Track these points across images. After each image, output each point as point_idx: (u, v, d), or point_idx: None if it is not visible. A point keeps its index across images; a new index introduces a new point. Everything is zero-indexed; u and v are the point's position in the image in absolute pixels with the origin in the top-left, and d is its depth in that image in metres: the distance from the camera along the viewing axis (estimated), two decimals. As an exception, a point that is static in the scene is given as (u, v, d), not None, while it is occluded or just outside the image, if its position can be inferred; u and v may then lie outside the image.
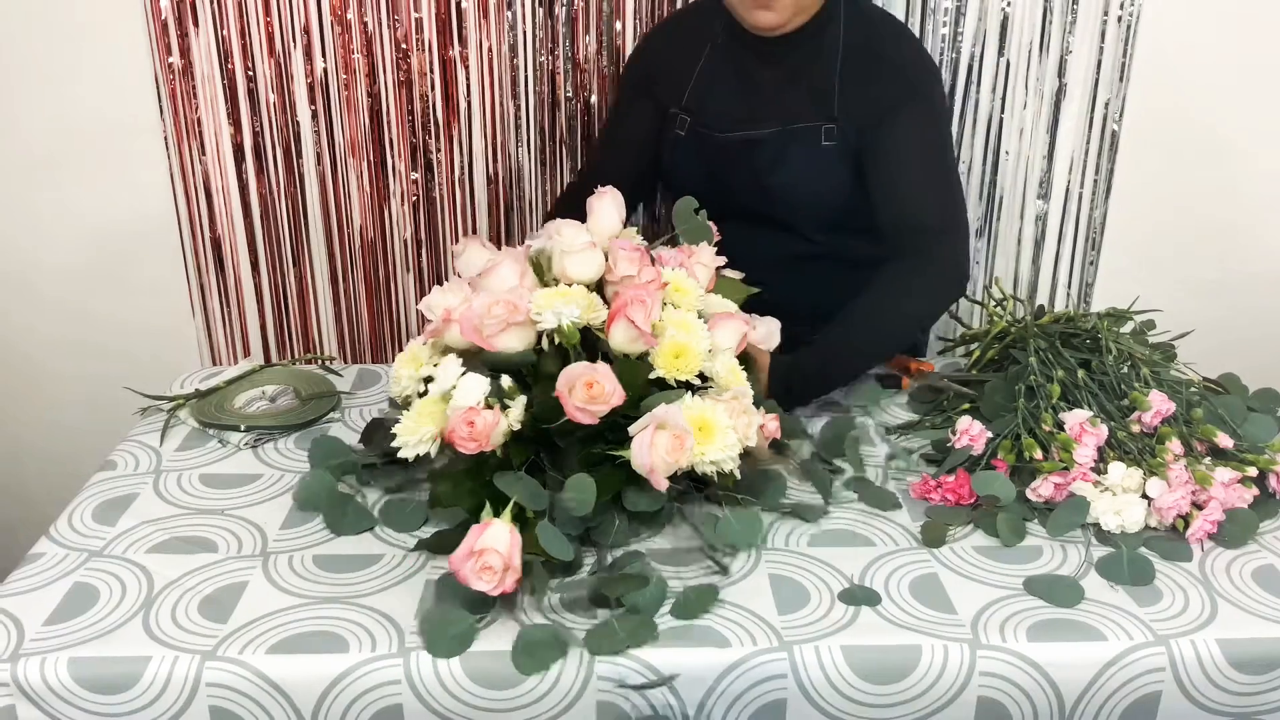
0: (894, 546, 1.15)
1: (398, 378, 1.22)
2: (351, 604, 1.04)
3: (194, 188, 1.93)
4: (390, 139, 1.91)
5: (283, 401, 1.47)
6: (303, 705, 0.97)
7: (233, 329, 2.04)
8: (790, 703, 0.99)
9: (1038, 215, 1.97)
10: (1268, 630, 1.02)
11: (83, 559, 1.12)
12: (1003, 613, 1.04)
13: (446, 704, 0.97)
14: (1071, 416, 1.22)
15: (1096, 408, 1.25)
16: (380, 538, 1.16)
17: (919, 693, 0.99)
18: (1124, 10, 1.84)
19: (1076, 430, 1.20)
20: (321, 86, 1.87)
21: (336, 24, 1.83)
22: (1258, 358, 1.67)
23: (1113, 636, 1.01)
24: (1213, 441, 1.21)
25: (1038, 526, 1.18)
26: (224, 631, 1.00)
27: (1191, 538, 1.14)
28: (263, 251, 1.98)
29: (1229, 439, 1.22)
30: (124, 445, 1.36)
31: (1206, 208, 1.99)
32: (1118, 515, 1.15)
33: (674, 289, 1.22)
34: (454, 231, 1.98)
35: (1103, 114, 1.90)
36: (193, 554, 1.12)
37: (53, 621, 1.02)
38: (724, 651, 0.99)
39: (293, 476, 1.28)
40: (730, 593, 1.07)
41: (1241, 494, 1.17)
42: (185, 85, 1.86)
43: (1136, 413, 1.22)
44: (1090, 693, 1.00)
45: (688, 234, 1.33)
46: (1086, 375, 1.28)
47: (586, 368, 1.10)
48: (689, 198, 1.36)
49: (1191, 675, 1.00)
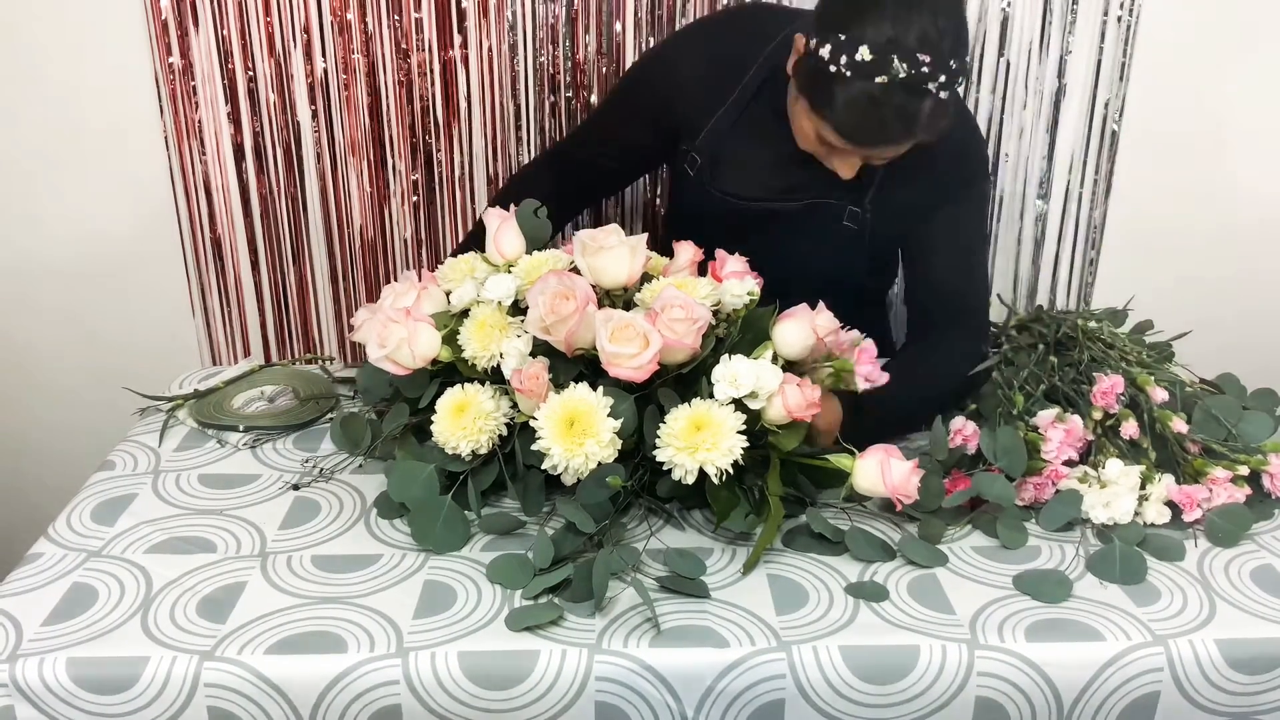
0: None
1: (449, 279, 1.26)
2: (350, 604, 1.04)
3: (194, 188, 1.93)
4: (390, 139, 1.91)
5: (281, 402, 1.47)
6: (301, 705, 0.97)
7: (233, 329, 2.04)
8: (789, 703, 0.99)
9: (1038, 215, 1.97)
10: (1266, 630, 1.02)
11: (81, 559, 1.12)
12: (1001, 613, 1.04)
13: (445, 704, 0.97)
14: (1041, 417, 1.23)
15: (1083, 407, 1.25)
16: (379, 537, 1.16)
17: (917, 693, 0.99)
18: (1124, 10, 1.83)
19: (1044, 428, 1.21)
20: (321, 86, 1.87)
21: (336, 24, 1.83)
22: (1258, 358, 1.67)
23: (1111, 636, 1.01)
24: (1168, 427, 1.21)
25: (1037, 527, 1.18)
26: (222, 632, 1.00)
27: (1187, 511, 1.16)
28: (263, 251, 1.98)
29: (1183, 424, 1.22)
30: (123, 445, 1.36)
31: (1206, 208, 1.99)
32: (1107, 508, 1.15)
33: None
34: (454, 231, 1.98)
35: (1103, 114, 1.90)
36: (191, 554, 1.12)
37: (51, 622, 1.02)
38: (722, 651, 0.99)
39: (291, 477, 1.28)
40: (729, 593, 1.07)
41: (1233, 493, 1.17)
42: (185, 85, 1.86)
43: (1094, 389, 1.23)
44: (1089, 693, 1.00)
45: (529, 235, 1.29)
46: (1077, 374, 1.28)
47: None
48: (530, 200, 1.29)
49: (1190, 675, 1.00)
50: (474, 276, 1.26)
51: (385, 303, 1.24)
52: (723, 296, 1.19)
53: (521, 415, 1.16)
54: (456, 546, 1.14)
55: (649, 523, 1.19)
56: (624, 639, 1.00)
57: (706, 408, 1.09)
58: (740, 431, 1.09)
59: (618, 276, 1.19)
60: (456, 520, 1.15)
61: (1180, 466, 1.22)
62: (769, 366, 1.12)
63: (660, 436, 1.09)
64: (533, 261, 1.24)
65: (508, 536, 1.17)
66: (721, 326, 1.19)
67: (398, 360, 1.20)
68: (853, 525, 1.16)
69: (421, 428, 1.22)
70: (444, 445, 1.16)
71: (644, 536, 1.16)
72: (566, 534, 1.11)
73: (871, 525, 1.18)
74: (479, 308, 1.21)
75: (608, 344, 1.09)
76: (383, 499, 1.21)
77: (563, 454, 1.08)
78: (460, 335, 1.20)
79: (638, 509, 1.20)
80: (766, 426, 1.13)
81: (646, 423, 1.12)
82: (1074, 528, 1.18)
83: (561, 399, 1.10)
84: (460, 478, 1.18)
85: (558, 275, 1.14)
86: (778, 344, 1.18)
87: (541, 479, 1.17)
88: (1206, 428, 1.24)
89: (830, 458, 1.16)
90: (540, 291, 1.13)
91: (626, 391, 1.12)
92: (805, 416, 1.12)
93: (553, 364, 1.15)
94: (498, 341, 1.18)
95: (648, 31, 1.86)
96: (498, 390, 1.18)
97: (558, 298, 1.12)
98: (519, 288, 1.21)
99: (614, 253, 1.18)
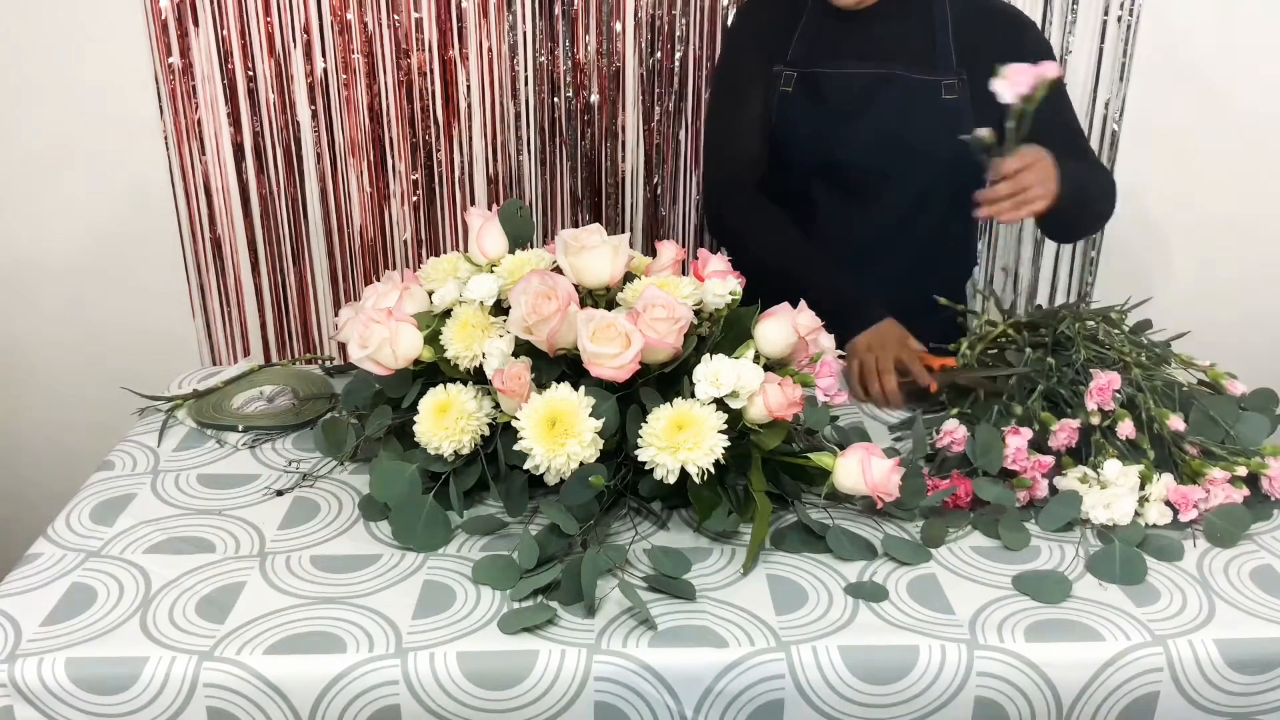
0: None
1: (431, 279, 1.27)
2: (349, 604, 1.04)
3: (194, 188, 1.93)
4: (390, 139, 1.91)
5: (280, 402, 1.47)
6: (300, 706, 0.97)
7: (233, 329, 2.04)
8: (788, 703, 0.99)
9: (1038, 215, 1.97)
10: (1265, 630, 1.02)
11: (80, 559, 1.12)
12: (1000, 613, 1.04)
13: (444, 704, 0.97)
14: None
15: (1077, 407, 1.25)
16: (379, 538, 1.16)
17: (917, 693, 0.99)
18: (1124, 10, 1.84)
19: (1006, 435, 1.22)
20: (321, 86, 1.87)
21: (336, 24, 1.83)
22: (1258, 358, 1.67)
23: (1110, 637, 1.01)
24: (1165, 426, 1.21)
25: (1037, 527, 1.18)
26: (221, 632, 1.00)
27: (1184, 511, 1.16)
28: (263, 251, 1.98)
29: (1180, 423, 1.22)
30: (122, 445, 1.36)
31: (1206, 207, 1.99)
32: (1107, 509, 1.15)
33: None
34: (454, 231, 1.99)
35: (1103, 114, 1.90)
36: (190, 554, 1.12)
37: (50, 622, 1.02)
38: (721, 651, 0.99)
39: (290, 477, 1.28)
40: (728, 593, 1.07)
41: (1231, 494, 1.17)
42: (185, 85, 1.86)
43: (1089, 386, 1.23)
44: (1088, 693, 1.00)
45: (512, 235, 1.30)
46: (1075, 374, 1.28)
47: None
48: (513, 200, 1.35)
49: (1189, 675, 1.00)
50: (457, 276, 1.26)
51: (367, 303, 1.25)
52: (705, 296, 1.19)
53: (504, 415, 1.16)
54: (438, 546, 1.14)
55: (633, 521, 1.19)
56: (623, 639, 1.00)
57: (688, 407, 1.09)
58: (722, 431, 1.09)
59: (600, 276, 1.20)
60: (438, 520, 1.15)
61: (1179, 467, 1.22)
62: (750, 366, 1.12)
63: (642, 436, 1.09)
64: (515, 261, 1.24)
65: (500, 537, 1.17)
66: (704, 325, 1.19)
67: (380, 360, 1.20)
68: (834, 524, 1.16)
69: (405, 430, 1.22)
70: (426, 445, 1.17)
71: (635, 539, 1.16)
72: (551, 535, 1.11)
73: (859, 523, 1.18)
74: (461, 308, 1.21)
75: (590, 344, 1.09)
76: (366, 500, 1.21)
77: (545, 454, 1.08)
78: (443, 335, 1.20)
79: (625, 509, 1.20)
80: (748, 426, 1.13)
81: (629, 422, 1.12)
82: (1074, 528, 1.18)
83: (543, 399, 1.10)
84: (442, 478, 1.18)
85: (540, 275, 1.14)
86: (760, 343, 1.18)
87: (524, 479, 1.17)
88: (1203, 429, 1.24)
89: (812, 456, 1.16)
90: (522, 291, 1.13)
91: (608, 391, 1.12)
92: (786, 415, 1.12)
93: (535, 364, 1.15)
94: (480, 341, 1.18)
95: (648, 31, 1.86)
96: (480, 390, 1.19)
97: (540, 297, 1.12)
98: (501, 288, 1.21)
99: (596, 252, 1.19)
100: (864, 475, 1.11)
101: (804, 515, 1.15)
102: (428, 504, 1.15)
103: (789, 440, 1.18)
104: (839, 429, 1.33)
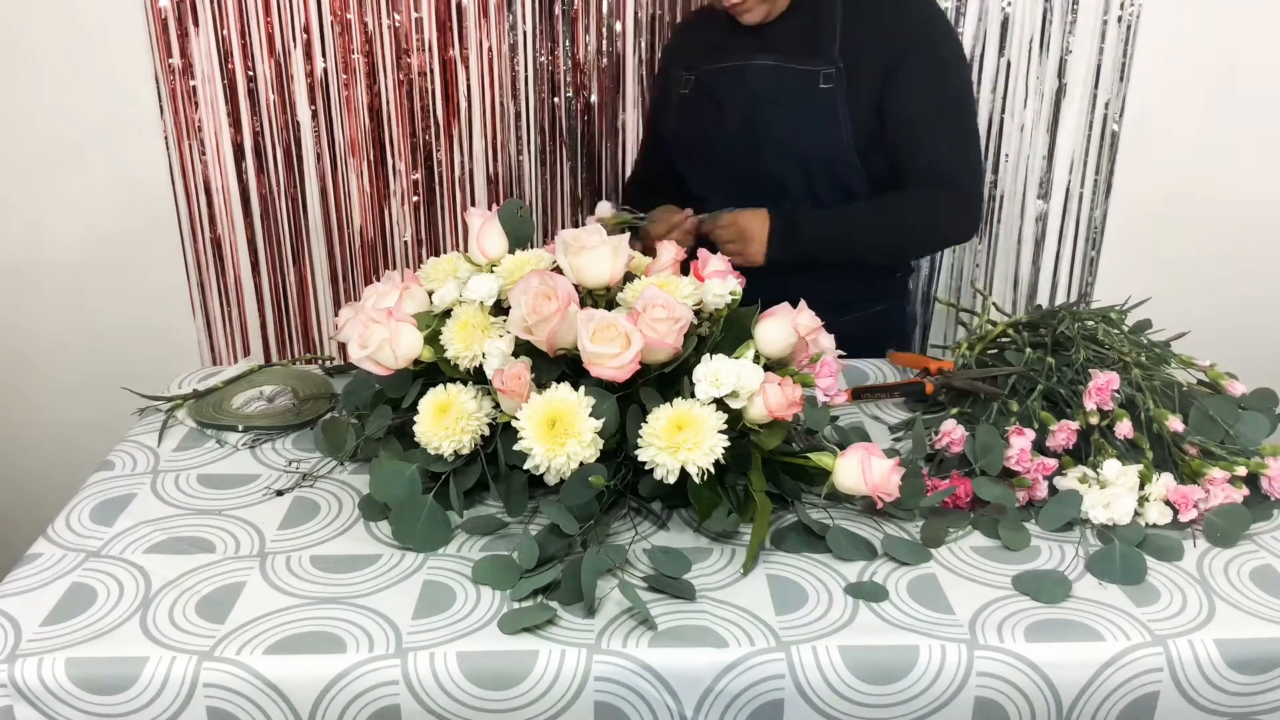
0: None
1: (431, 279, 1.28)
2: (349, 604, 1.04)
3: (194, 188, 1.93)
4: (390, 139, 1.91)
5: (280, 402, 1.47)
6: (300, 706, 0.97)
7: (233, 329, 2.04)
8: (787, 703, 0.99)
9: (1038, 215, 1.97)
10: (1265, 630, 1.02)
11: (80, 559, 1.12)
12: (1000, 613, 1.04)
13: (444, 704, 0.97)
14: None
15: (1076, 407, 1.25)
16: (379, 538, 1.16)
17: (916, 693, 0.99)
18: (1124, 10, 1.84)
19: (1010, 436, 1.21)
20: (321, 86, 1.87)
21: (336, 24, 1.83)
22: (1258, 358, 1.67)
23: (1110, 637, 1.01)
24: (1164, 426, 1.21)
25: (1037, 528, 1.18)
26: (221, 632, 1.00)
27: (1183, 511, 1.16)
28: (263, 251, 1.98)
29: (1179, 423, 1.22)
30: (122, 445, 1.36)
31: (1206, 207, 1.99)
32: (1107, 509, 1.15)
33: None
34: (454, 231, 1.99)
35: (1103, 114, 1.90)
36: (190, 554, 1.12)
37: (50, 622, 1.02)
38: (721, 651, 0.99)
39: (290, 477, 1.28)
40: (728, 593, 1.07)
41: (1230, 493, 1.17)
42: (185, 85, 1.86)
43: (1088, 386, 1.23)
44: (1088, 693, 1.00)
45: (512, 235, 1.31)
46: (1075, 374, 1.28)
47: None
48: (513, 200, 1.37)
49: (1189, 675, 1.00)
50: (457, 276, 1.26)
51: (367, 303, 1.25)
52: (705, 296, 1.20)
53: (504, 415, 1.16)
54: (437, 546, 1.14)
55: (633, 521, 1.19)
56: (623, 639, 1.00)
57: (688, 407, 1.09)
58: (722, 431, 1.09)
59: (600, 276, 1.20)
60: (438, 520, 1.15)
61: (1178, 467, 1.22)
62: (750, 366, 1.12)
63: (642, 436, 1.09)
64: (515, 261, 1.24)
65: (500, 537, 1.17)
66: (704, 325, 1.19)
67: (380, 360, 1.20)
68: (834, 524, 1.16)
69: (405, 430, 1.22)
70: (426, 445, 1.17)
71: (635, 539, 1.16)
72: (551, 535, 1.11)
73: (859, 523, 1.18)
74: (461, 308, 1.21)
75: (589, 344, 1.09)
76: (366, 500, 1.21)
77: (544, 454, 1.08)
78: (443, 335, 1.20)
79: (625, 509, 1.20)
80: (748, 426, 1.13)
81: (629, 422, 1.12)
82: (1073, 528, 1.18)
83: (543, 399, 1.10)
84: (442, 478, 1.18)
85: (540, 275, 1.14)
86: (760, 343, 1.18)
87: (524, 479, 1.17)
88: (1203, 429, 1.24)
89: (812, 456, 1.16)
90: (522, 291, 1.13)
91: (608, 391, 1.12)
92: (787, 415, 1.13)
93: (535, 364, 1.15)
94: (480, 341, 1.18)
95: (648, 31, 1.86)
96: (480, 390, 1.19)
97: (540, 297, 1.12)
98: (501, 288, 1.21)
99: (596, 252, 1.19)
100: (864, 475, 1.11)
101: (804, 515, 1.15)
102: (428, 504, 1.15)
103: (789, 440, 1.18)
104: (839, 429, 1.32)
